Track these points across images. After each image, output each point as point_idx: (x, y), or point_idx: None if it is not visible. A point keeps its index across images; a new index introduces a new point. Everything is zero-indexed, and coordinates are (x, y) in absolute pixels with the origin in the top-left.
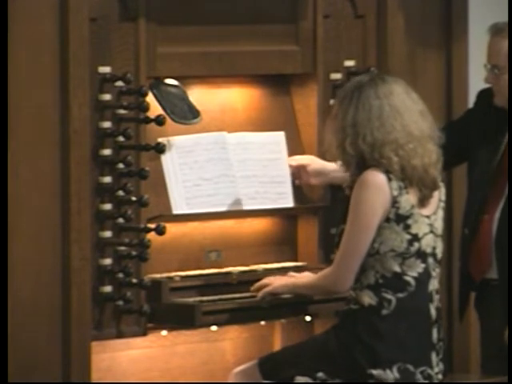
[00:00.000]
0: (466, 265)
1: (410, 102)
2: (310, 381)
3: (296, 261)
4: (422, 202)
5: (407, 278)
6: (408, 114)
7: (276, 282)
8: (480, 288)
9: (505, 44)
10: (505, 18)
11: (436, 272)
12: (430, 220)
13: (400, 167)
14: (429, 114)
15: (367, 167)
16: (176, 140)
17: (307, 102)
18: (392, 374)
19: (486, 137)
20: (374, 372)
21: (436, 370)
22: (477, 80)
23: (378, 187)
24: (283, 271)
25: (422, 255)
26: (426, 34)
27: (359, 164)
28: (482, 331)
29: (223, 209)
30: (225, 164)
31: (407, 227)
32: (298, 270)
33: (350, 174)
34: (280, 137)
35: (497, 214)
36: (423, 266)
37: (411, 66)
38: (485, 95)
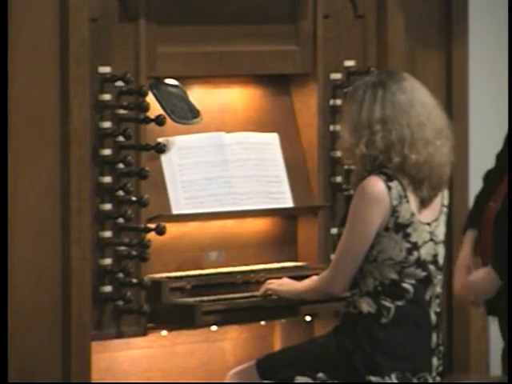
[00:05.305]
0: None
1: (429, 97)
2: (310, 381)
3: (296, 261)
4: (424, 203)
5: (405, 285)
6: (433, 108)
7: (279, 288)
8: None
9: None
10: (505, 18)
11: (438, 279)
12: (430, 227)
13: (417, 168)
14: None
15: (379, 166)
16: (175, 140)
17: (307, 102)
18: (390, 381)
19: None
20: (373, 379)
21: (434, 373)
22: (477, 80)
23: (377, 198)
24: (283, 271)
25: (421, 264)
26: (426, 33)
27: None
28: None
29: (223, 209)
30: (223, 164)
31: (407, 236)
32: (298, 270)
33: (365, 169)
34: (273, 138)
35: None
36: (424, 274)
37: (411, 66)
38: None
